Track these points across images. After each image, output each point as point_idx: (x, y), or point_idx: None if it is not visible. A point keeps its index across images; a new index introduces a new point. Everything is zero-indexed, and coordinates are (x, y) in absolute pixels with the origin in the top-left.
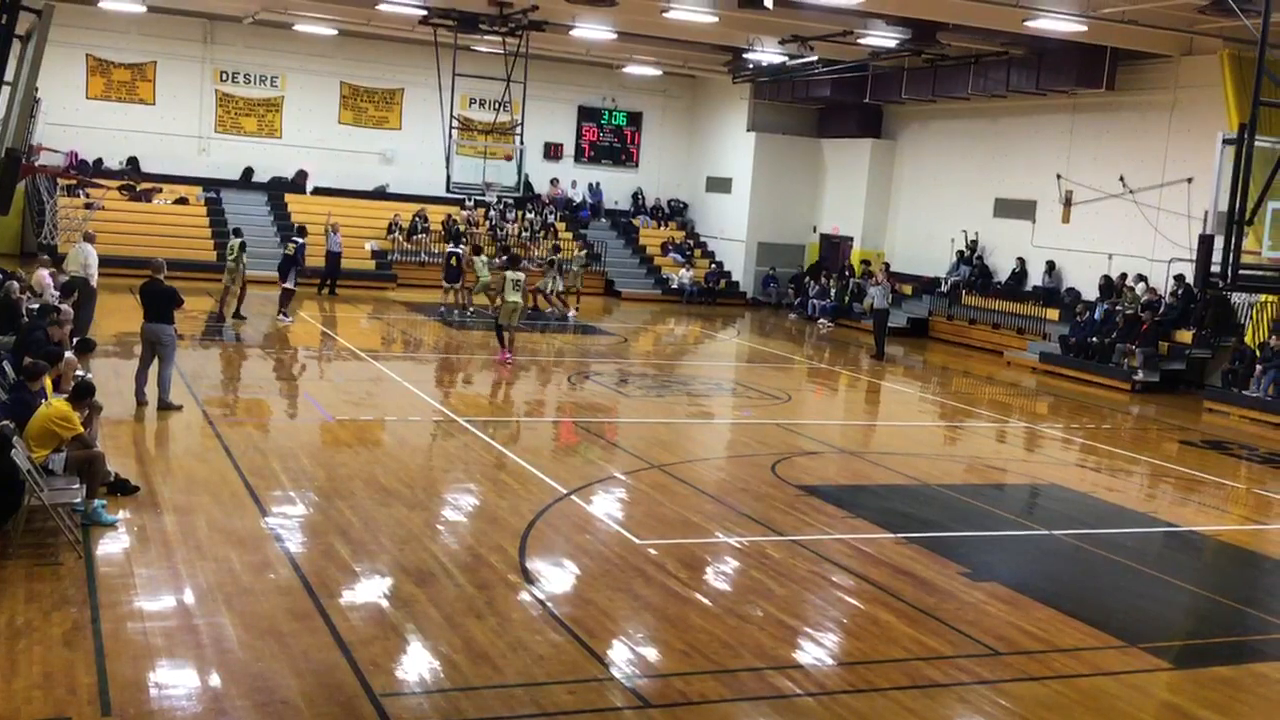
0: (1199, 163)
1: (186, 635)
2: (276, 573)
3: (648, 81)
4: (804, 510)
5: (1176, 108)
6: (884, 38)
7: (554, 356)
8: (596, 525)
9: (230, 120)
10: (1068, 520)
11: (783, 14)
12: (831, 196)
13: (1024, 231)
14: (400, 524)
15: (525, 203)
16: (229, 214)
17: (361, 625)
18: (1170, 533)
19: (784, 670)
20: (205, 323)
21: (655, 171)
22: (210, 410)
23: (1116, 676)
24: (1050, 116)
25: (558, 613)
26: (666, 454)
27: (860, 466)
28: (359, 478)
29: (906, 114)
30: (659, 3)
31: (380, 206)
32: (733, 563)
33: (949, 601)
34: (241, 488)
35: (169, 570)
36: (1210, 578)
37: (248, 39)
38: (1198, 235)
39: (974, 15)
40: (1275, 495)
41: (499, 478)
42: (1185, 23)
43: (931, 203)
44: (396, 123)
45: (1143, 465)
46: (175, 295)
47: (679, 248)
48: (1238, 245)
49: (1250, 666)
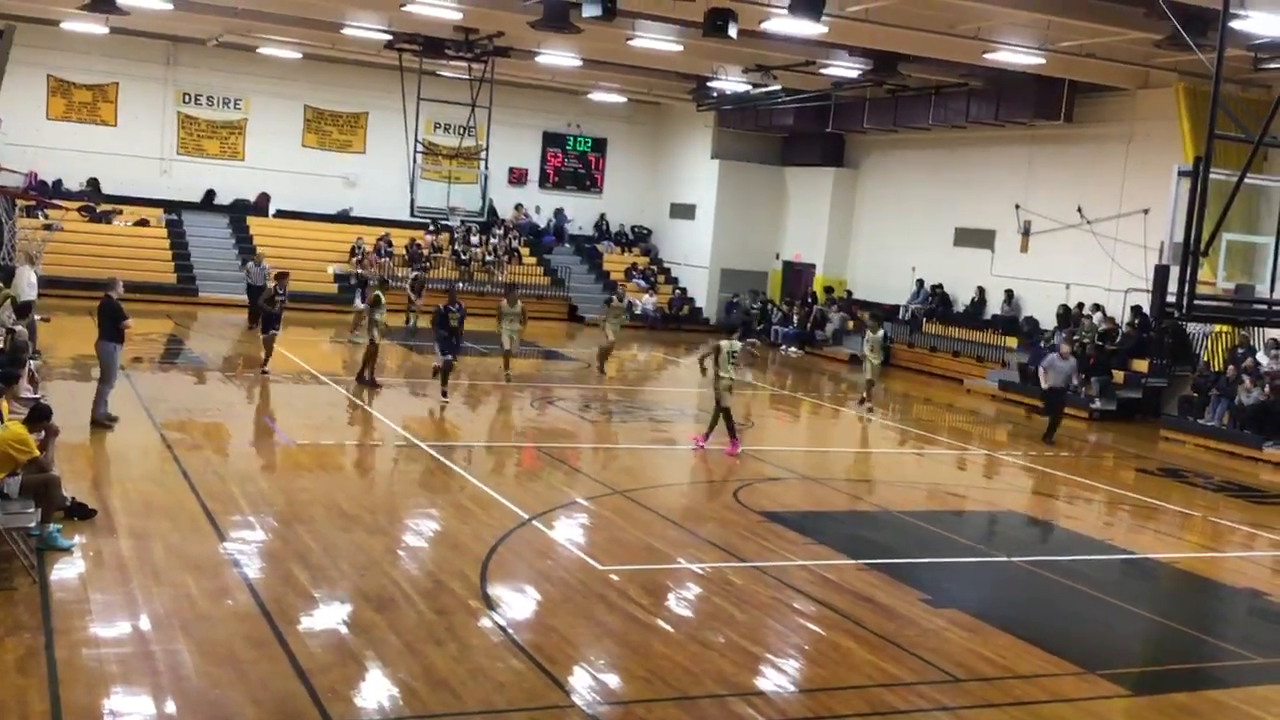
0: (1155, 194)
1: (142, 662)
2: (234, 599)
3: (612, 108)
4: (766, 536)
5: (1133, 140)
6: (846, 68)
7: (517, 382)
8: (558, 551)
9: (192, 142)
10: (1027, 547)
11: (746, 43)
12: (794, 224)
13: (983, 260)
14: (361, 549)
15: (489, 228)
16: (190, 237)
17: (320, 652)
18: (1128, 560)
19: (745, 697)
20: (165, 345)
21: (619, 197)
22: (168, 434)
23: (1075, 703)
24: (1009, 147)
25: (519, 639)
26: (629, 479)
27: (822, 493)
28: (319, 503)
29: (868, 143)
30: (624, 31)
31: (343, 230)
32: (695, 589)
33: (910, 628)
34: (200, 512)
35: (125, 596)
36: (1167, 605)
37: (211, 61)
38: (1154, 265)
39: (934, 47)
40: (1230, 523)
41: (461, 503)
42: (1142, 56)
43: (892, 231)
44: (361, 146)
45: (1100, 493)
46: (113, 312)
47: (643, 273)
48: (1193, 276)
49: (1207, 693)
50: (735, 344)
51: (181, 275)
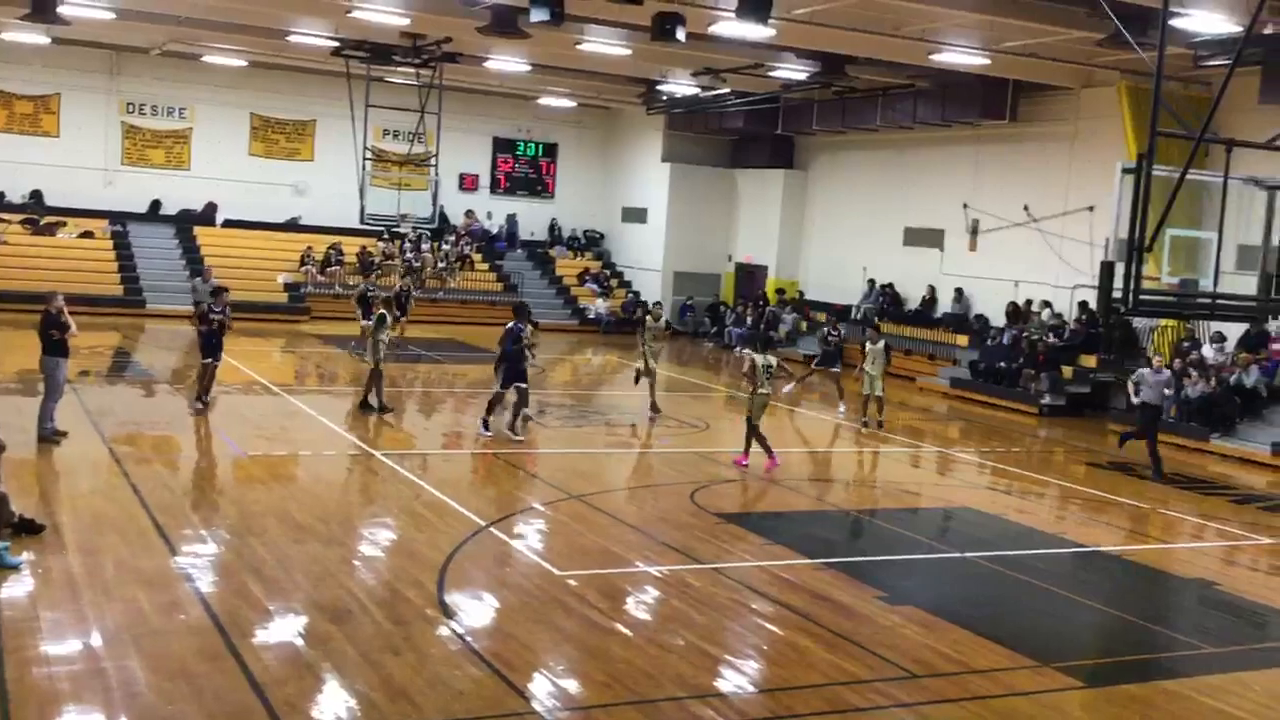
0: (1100, 191)
1: (94, 679)
2: (187, 613)
3: (562, 113)
4: (724, 538)
5: (1077, 138)
6: (794, 70)
7: (470, 388)
8: (516, 557)
9: (137, 152)
10: (980, 543)
11: (695, 47)
12: (746, 226)
13: (933, 260)
14: (315, 560)
15: (441, 234)
16: (136, 248)
17: (276, 665)
18: (1079, 553)
19: (705, 699)
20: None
21: (571, 202)
22: (117, 448)
23: (1031, 696)
24: (956, 147)
25: (477, 647)
26: (586, 484)
27: (778, 493)
28: (272, 514)
29: (817, 145)
30: (572, 35)
31: (293, 239)
32: (653, 592)
33: (866, 626)
34: (150, 527)
35: (75, 613)
36: (1119, 597)
37: (155, 70)
38: (1100, 262)
39: (881, 49)
40: (1179, 515)
41: (416, 511)
42: (1084, 56)
43: (843, 232)
44: (309, 154)
45: (1051, 487)
46: (53, 325)
47: (596, 278)
48: (1138, 271)
49: (1160, 684)
50: (770, 359)
51: (128, 287)
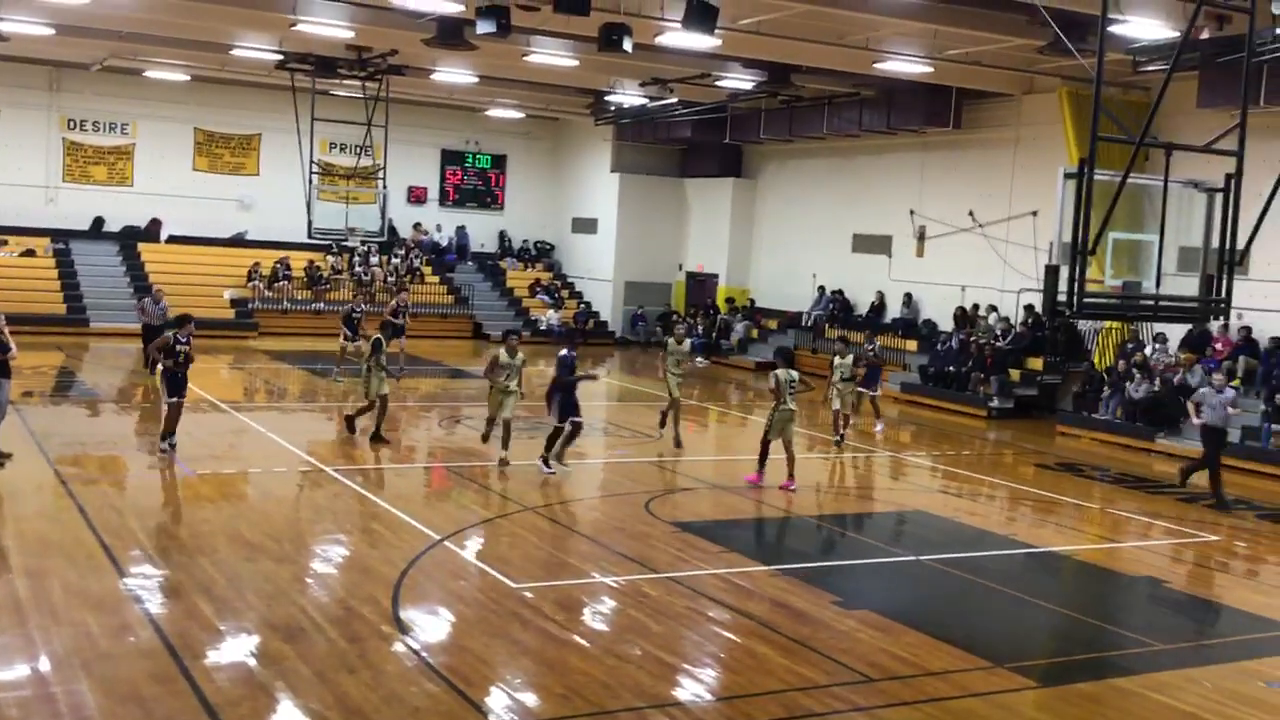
0: (1043, 196)
1: (43, 704)
2: (137, 635)
3: (511, 124)
4: (679, 547)
5: (1020, 144)
6: (741, 80)
7: (423, 400)
8: (471, 570)
9: (79, 169)
10: (933, 545)
11: (642, 57)
12: (696, 235)
13: (881, 265)
14: (267, 579)
15: (390, 248)
16: (79, 266)
17: (228, 686)
18: (1030, 554)
19: (663, 708)
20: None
21: (521, 213)
22: (62, 469)
23: (985, 697)
24: (902, 155)
25: (433, 662)
26: (540, 495)
27: (733, 501)
28: (222, 533)
29: (766, 153)
30: (519, 47)
31: (239, 254)
32: (610, 602)
33: (823, 631)
34: (97, 548)
35: (22, 637)
36: (1070, 596)
37: (96, 86)
38: (1044, 266)
39: (826, 58)
40: (1127, 514)
41: (370, 527)
42: (1025, 63)
43: (792, 239)
44: (254, 169)
45: (1002, 489)
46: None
47: (547, 289)
48: (1082, 275)
49: (1111, 681)
50: (794, 373)
51: (71, 305)
